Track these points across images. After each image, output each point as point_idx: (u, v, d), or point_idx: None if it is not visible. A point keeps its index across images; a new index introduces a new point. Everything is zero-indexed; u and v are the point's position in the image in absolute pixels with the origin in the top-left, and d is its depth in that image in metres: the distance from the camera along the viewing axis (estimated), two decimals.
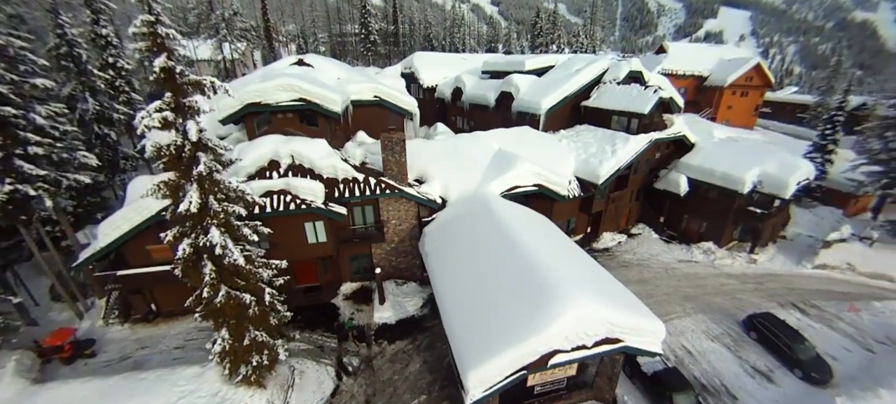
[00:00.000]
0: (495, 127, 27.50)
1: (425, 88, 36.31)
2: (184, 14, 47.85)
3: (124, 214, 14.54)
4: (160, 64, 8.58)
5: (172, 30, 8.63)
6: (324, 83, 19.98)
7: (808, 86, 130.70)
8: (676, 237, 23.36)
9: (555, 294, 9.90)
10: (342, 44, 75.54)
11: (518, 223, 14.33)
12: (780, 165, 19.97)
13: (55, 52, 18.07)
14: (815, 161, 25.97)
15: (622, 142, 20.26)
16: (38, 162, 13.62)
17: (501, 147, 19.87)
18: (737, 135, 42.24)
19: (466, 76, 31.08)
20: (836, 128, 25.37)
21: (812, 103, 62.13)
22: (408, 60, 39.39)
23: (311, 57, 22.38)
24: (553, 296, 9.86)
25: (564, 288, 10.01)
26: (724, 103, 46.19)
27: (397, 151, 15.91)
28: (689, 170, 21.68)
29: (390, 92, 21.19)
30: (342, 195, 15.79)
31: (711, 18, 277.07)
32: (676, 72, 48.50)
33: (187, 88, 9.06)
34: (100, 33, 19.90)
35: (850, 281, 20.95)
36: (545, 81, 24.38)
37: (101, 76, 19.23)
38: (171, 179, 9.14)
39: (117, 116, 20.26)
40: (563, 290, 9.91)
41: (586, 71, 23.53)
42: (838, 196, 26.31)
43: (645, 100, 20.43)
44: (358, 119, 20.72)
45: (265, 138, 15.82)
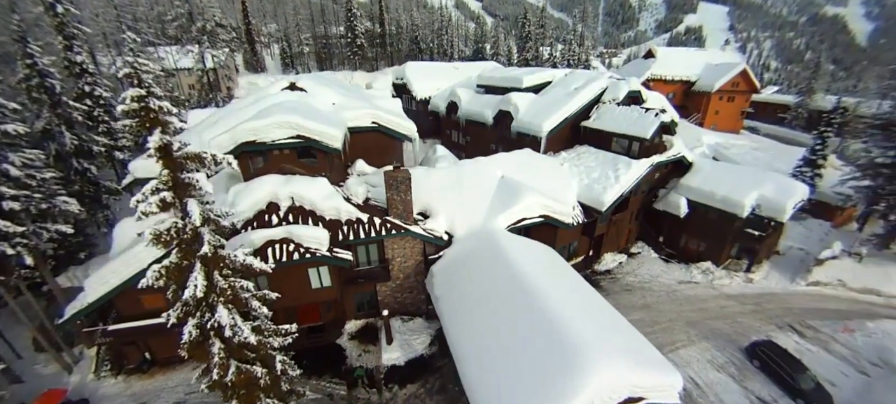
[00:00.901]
0: (493, 143, 27.38)
1: (418, 100, 35.63)
2: (162, 24, 45.55)
3: (114, 268, 13.63)
4: (155, 143, 7.88)
5: (165, 102, 7.89)
6: (319, 111, 19.25)
7: (786, 81, 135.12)
8: (675, 256, 23.62)
9: (579, 360, 9.68)
10: (327, 46, 73.48)
11: (530, 265, 14.10)
12: (778, 189, 20.32)
13: (26, 83, 16.73)
14: (804, 175, 26.64)
15: (625, 167, 20.22)
16: (14, 217, 12.55)
17: (505, 174, 19.54)
18: (725, 142, 43.27)
19: (461, 90, 30.57)
20: (826, 143, 25.97)
21: (793, 103, 64.28)
22: (399, 70, 38.59)
23: (304, 79, 21.49)
24: (577, 363, 9.65)
25: (588, 353, 9.81)
26: (712, 108, 47.07)
27: (402, 190, 15.39)
28: (688, 192, 21.85)
29: (388, 117, 20.56)
30: (346, 237, 15.20)
31: (691, 13, 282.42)
32: (665, 77, 49.22)
33: (186, 163, 8.33)
34: (74, 61, 18.54)
35: (842, 297, 21.67)
36: (544, 101, 24.12)
37: (78, 107, 17.92)
38: (172, 262, 8.44)
39: (97, 148, 18.99)
40: (587, 356, 9.71)
41: (585, 91, 23.38)
42: (826, 208, 27.10)
43: (647, 124, 20.40)
44: (356, 145, 20.04)
45: (263, 179, 15.05)
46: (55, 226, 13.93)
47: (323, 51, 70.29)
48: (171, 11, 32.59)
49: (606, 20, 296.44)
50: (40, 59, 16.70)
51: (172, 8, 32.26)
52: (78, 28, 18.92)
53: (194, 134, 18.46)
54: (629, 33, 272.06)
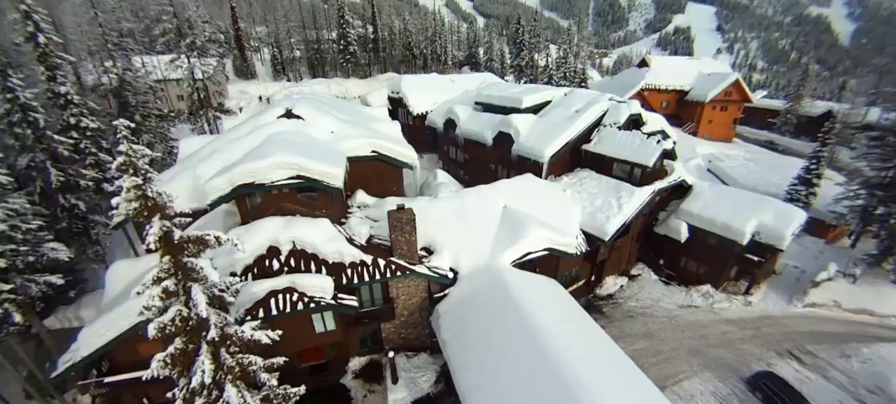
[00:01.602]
0: (492, 163, 27.18)
1: (415, 116, 35.23)
2: (149, 39, 44.14)
3: (110, 319, 13.07)
4: (156, 233, 7.44)
5: (164, 191, 7.47)
6: (317, 142, 18.82)
7: (773, 83, 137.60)
8: (675, 278, 23.76)
9: None
10: (319, 51, 72.10)
11: (536, 306, 14.01)
12: (777, 216, 20.53)
13: (7, 119, 15.96)
14: (799, 194, 27.04)
15: (627, 195, 20.20)
16: (2, 274, 11.93)
17: (508, 204, 19.36)
18: (719, 152, 43.80)
19: (459, 108, 30.26)
20: (820, 162, 26.39)
21: (782, 109, 65.43)
22: (395, 84, 38.09)
23: (301, 105, 20.92)
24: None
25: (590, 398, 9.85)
26: (705, 118, 47.61)
27: (407, 231, 15.07)
28: (689, 217, 21.96)
29: (388, 145, 20.20)
30: (350, 280, 14.84)
31: (679, 13, 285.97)
32: (659, 86, 49.61)
33: (189, 247, 7.91)
34: (58, 92, 17.75)
35: (837, 318, 22.07)
36: (545, 125, 23.98)
37: (63, 140, 17.17)
38: (177, 348, 8.00)
39: (84, 182, 18.25)
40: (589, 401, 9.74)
41: (586, 114, 23.31)
42: (820, 225, 27.56)
43: (649, 151, 20.40)
44: (355, 174, 19.65)
45: (262, 223, 14.58)
46: (44, 278, 13.27)
47: (315, 57, 69.12)
48: (158, 26, 31.48)
49: (596, 20, 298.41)
50: (22, 92, 15.92)
51: (160, 23, 31.16)
52: (61, 57, 18.08)
53: (188, 168, 17.88)
54: (619, 33, 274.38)
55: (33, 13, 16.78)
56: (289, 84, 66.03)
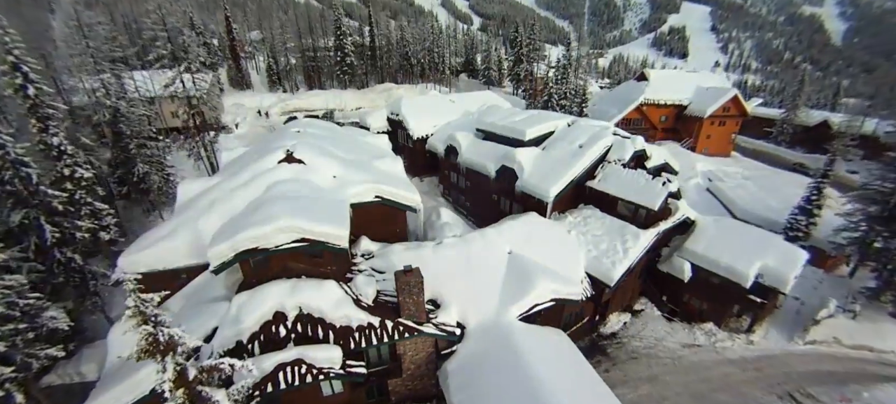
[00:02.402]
0: (495, 193, 27.03)
1: (415, 139, 34.92)
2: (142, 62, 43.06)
3: (115, 396, 12.75)
4: (171, 376, 7.17)
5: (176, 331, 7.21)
6: (320, 189, 18.55)
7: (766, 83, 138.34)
8: (678, 314, 23.83)
9: None
10: (315, 59, 70.97)
11: (545, 365, 13.97)
12: (781, 258, 20.62)
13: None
14: (799, 224, 27.21)
15: (632, 238, 20.16)
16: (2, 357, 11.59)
17: (513, 250, 19.23)
18: (717, 169, 44.00)
19: (461, 135, 30.00)
20: (822, 192, 26.56)
21: (778, 118, 65.77)
22: (395, 105, 37.71)
23: (302, 148, 20.55)
24: None
25: None
26: (704, 133, 47.84)
27: (415, 293, 14.88)
28: (693, 257, 21.98)
29: (392, 190, 19.97)
30: (357, 345, 14.63)
31: (674, 13, 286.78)
32: (658, 101, 49.69)
33: (204, 377, 7.66)
34: (50, 143, 17.27)
35: (837, 355, 22.28)
36: (549, 160, 23.83)
37: (57, 194, 16.71)
38: None
39: (80, 234, 17.82)
40: None
41: (590, 151, 23.20)
42: (819, 255, 27.77)
43: (654, 193, 20.36)
44: (359, 219, 19.37)
45: (268, 289, 14.33)
46: (45, 352, 12.92)
47: (311, 67, 68.19)
48: (153, 51, 30.82)
49: (592, 19, 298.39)
50: (13, 147, 15.44)
51: (154, 48, 30.51)
52: (54, 107, 17.56)
53: (188, 221, 17.52)
54: (614, 33, 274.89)
55: (22, 64, 16.25)
56: (285, 95, 65.30)
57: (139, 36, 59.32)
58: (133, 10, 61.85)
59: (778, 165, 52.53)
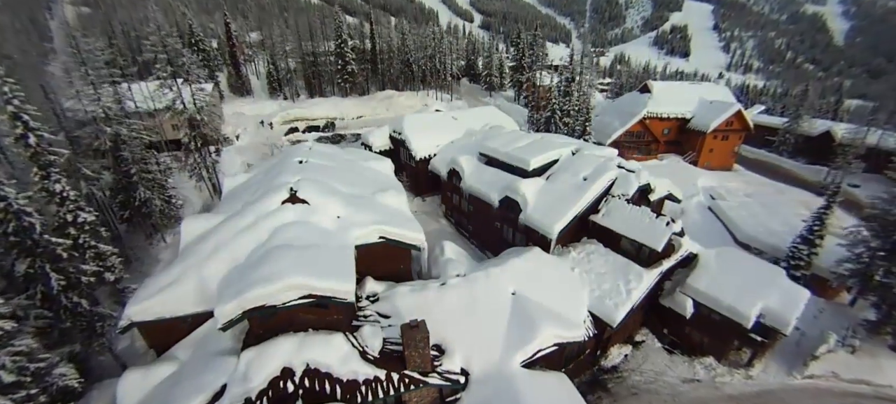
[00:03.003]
0: (498, 221, 27.07)
1: (418, 160, 34.86)
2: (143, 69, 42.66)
3: None
4: None
5: None
6: (326, 233, 18.56)
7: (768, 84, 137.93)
8: (679, 346, 23.98)
9: None
10: (315, 64, 70.36)
11: None
12: (782, 299, 20.73)
13: (2, 229, 15.50)
14: (801, 253, 27.29)
15: (636, 278, 20.27)
16: None
17: (517, 291, 19.31)
18: (719, 185, 43.99)
19: (463, 160, 29.95)
20: (824, 223, 26.61)
21: (781, 127, 65.14)
22: (397, 123, 37.60)
23: (305, 186, 20.50)
24: None
25: None
26: (706, 147, 47.85)
27: (421, 347, 14.97)
28: (695, 294, 22.08)
29: (396, 231, 20.04)
30: (364, 398, 14.74)
31: (676, 11, 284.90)
32: (661, 115, 49.59)
33: None
34: (52, 190, 17.25)
35: (834, 390, 22.44)
36: (553, 193, 23.84)
37: (61, 242, 16.72)
38: None
39: (86, 278, 17.86)
40: None
41: (595, 186, 23.22)
42: (820, 283, 27.89)
43: (657, 234, 20.41)
44: (363, 259, 19.40)
45: (275, 345, 14.42)
46: None
47: (311, 73, 67.71)
48: (154, 74, 30.68)
49: (593, 17, 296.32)
50: (15, 199, 15.42)
51: (155, 70, 30.37)
52: (55, 152, 17.50)
53: (194, 267, 17.55)
54: (616, 30, 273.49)
55: (22, 114, 16.18)
56: (286, 103, 65.05)
57: (139, 49, 59.00)
58: (131, 18, 61.30)
59: (779, 177, 52.58)
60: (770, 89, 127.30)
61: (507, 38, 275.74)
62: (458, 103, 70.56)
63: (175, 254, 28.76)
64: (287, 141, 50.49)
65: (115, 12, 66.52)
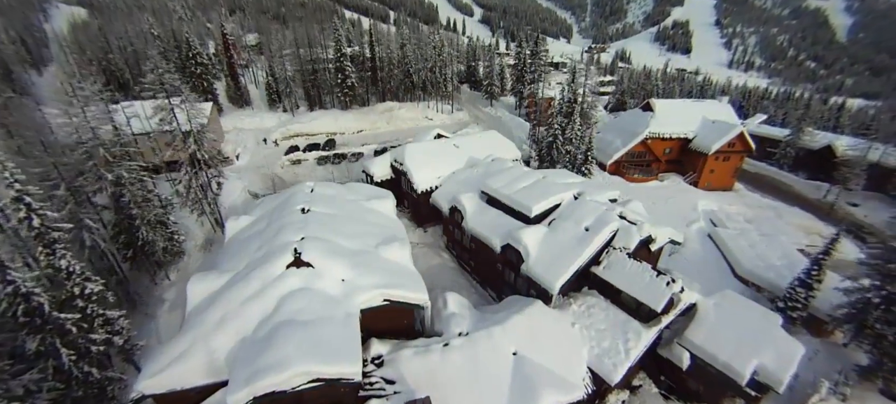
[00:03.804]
0: (499, 263, 27.30)
1: (419, 192, 34.96)
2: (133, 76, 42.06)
3: None
4: None
5: None
6: (331, 300, 18.81)
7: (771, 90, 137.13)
8: (675, 391, 24.48)
9: None
10: (314, 72, 69.14)
11: None
12: (778, 356, 21.11)
13: (11, 311, 15.74)
14: (798, 296, 27.67)
15: (635, 336, 20.63)
16: None
17: (519, 350, 19.67)
18: (719, 208, 44.20)
19: (465, 198, 30.09)
20: (822, 268, 26.93)
21: (782, 139, 64.69)
22: (398, 153, 37.56)
23: (309, 247, 20.66)
24: None
25: None
26: (707, 168, 48.02)
27: None
28: (692, 347, 22.46)
29: (400, 293, 20.29)
30: None
31: (678, 6, 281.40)
32: (663, 135, 49.59)
33: None
34: (58, 266, 17.44)
35: None
36: (554, 245, 24.04)
37: (69, 317, 16.98)
38: None
39: (96, 348, 18.16)
40: None
41: (596, 239, 23.44)
42: (816, 323, 28.35)
43: (657, 295, 20.72)
44: (368, 319, 19.69)
45: None
46: None
47: (311, 83, 66.95)
48: (153, 105, 30.57)
49: (595, 11, 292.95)
50: (23, 282, 15.62)
51: (155, 102, 30.27)
52: (59, 228, 17.61)
53: (202, 338, 17.80)
54: (617, 25, 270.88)
55: (24, 196, 16.27)
56: (285, 116, 64.71)
57: (136, 64, 58.37)
58: (127, 32, 60.46)
59: (780, 194, 52.83)
60: (772, 92, 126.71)
61: (508, 33, 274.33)
62: (459, 114, 70.31)
63: (179, 293, 29.14)
64: (288, 161, 50.41)
65: (112, 24, 65.59)
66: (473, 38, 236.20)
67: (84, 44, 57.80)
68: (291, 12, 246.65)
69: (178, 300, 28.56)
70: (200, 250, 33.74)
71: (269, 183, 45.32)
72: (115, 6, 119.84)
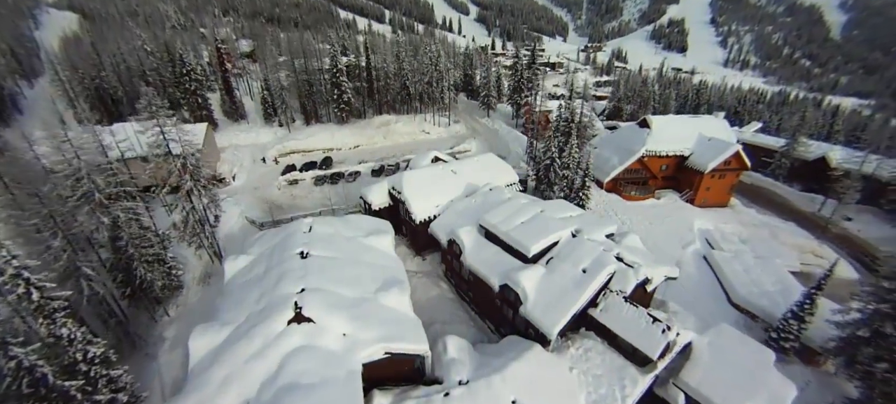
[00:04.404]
0: (498, 299, 27.52)
1: (417, 222, 35.08)
2: None
3: None
4: None
5: None
6: (332, 357, 18.98)
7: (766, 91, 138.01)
8: None
9: None
10: (309, 84, 68.28)
11: None
12: (770, 399, 21.52)
13: (15, 385, 15.81)
14: (791, 328, 28.17)
15: (631, 383, 21.01)
16: None
17: (517, 399, 19.94)
18: (715, 228, 44.64)
19: (464, 233, 30.24)
20: (814, 302, 27.40)
21: (777, 149, 64.95)
22: (396, 180, 37.62)
23: (309, 301, 20.79)
24: None
25: None
26: (704, 185, 48.49)
27: None
28: (686, 388, 22.82)
29: (400, 345, 20.51)
30: None
31: (674, 4, 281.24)
32: (659, 152, 49.91)
33: None
34: (58, 334, 17.49)
35: None
36: (553, 288, 24.26)
37: (73, 383, 17.08)
38: None
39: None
40: None
41: (593, 283, 23.70)
42: (808, 353, 28.89)
43: (654, 342, 21.07)
44: (369, 372, 19.90)
45: None
46: None
47: (306, 94, 66.30)
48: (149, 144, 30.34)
49: (591, 9, 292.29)
50: (26, 357, 15.69)
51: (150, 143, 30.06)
52: (57, 297, 17.66)
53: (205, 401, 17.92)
54: (613, 23, 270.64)
55: (22, 271, 16.31)
56: (281, 132, 64.41)
57: (130, 81, 57.78)
58: (120, 49, 59.67)
59: (775, 208, 53.42)
60: (767, 94, 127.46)
61: (504, 32, 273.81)
62: (456, 127, 70.24)
63: (179, 330, 29.20)
64: (284, 181, 50.32)
65: (104, 38, 64.77)
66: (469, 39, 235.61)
67: (76, 61, 56.97)
68: (286, 13, 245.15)
69: (179, 337, 28.63)
70: (199, 283, 33.73)
71: (266, 206, 45.26)
72: (107, 13, 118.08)
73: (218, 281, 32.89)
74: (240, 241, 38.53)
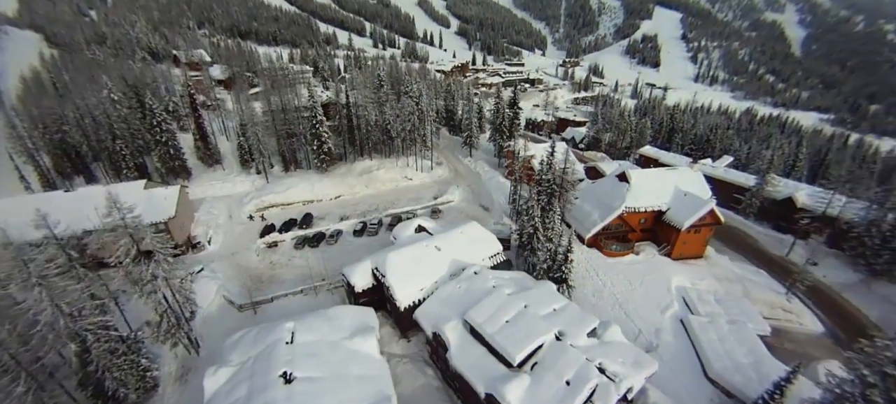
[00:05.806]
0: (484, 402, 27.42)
1: (402, 308, 34.70)
2: None
3: None
4: None
5: None
6: None
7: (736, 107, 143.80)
8: None
9: None
10: (286, 121, 66.17)
11: None
12: None
13: None
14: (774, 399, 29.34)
15: None
16: None
17: None
18: (692, 285, 46.13)
19: (448, 328, 30.14)
20: (784, 392, 28.62)
21: (748, 187, 67.21)
22: (379, 261, 37.08)
23: None
24: None
25: None
26: (680, 240, 49.99)
27: None
28: None
29: None
30: None
31: (647, 19, 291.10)
32: (638, 208, 51.29)
33: None
34: None
35: None
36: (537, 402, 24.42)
37: None
38: None
39: None
40: None
41: (577, 399, 23.94)
42: None
43: None
44: None
45: None
46: None
47: (284, 141, 64.73)
48: None
49: (568, 22, 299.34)
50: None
51: None
52: None
53: None
54: (590, 37, 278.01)
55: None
56: (259, 181, 62.70)
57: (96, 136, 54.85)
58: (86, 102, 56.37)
59: (747, 252, 55.75)
60: (736, 113, 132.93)
61: (484, 46, 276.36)
62: (439, 170, 70.15)
63: None
64: (263, 244, 48.98)
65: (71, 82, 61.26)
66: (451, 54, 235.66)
67: (36, 118, 53.64)
68: (264, 27, 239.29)
69: None
70: (175, 382, 32.26)
71: (245, 277, 43.84)
72: (72, 39, 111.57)
73: (196, 378, 31.56)
74: (219, 325, 37.24)
